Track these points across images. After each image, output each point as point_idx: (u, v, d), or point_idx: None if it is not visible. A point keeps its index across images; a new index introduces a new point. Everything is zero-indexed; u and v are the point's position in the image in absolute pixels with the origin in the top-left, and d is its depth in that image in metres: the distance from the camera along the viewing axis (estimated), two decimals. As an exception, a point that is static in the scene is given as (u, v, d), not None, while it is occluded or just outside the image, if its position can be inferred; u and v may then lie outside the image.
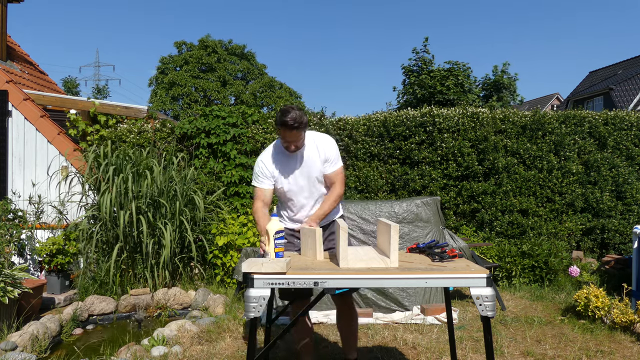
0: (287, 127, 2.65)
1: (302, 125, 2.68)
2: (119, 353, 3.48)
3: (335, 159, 2.91)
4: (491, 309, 2.18)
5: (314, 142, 2.89)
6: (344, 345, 3.09)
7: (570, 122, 6.46)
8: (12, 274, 4.14)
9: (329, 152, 2.89)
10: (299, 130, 2.68)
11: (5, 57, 7.77)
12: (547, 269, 5.55)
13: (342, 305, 2.98)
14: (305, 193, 2.92)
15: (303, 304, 2.89)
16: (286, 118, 2.64)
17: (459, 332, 3.96)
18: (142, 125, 6.39)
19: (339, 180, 2.92)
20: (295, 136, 2.71)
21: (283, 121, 2.65)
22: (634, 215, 6.36)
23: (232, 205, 6.15)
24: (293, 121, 2.64)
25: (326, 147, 2.89)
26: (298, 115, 2.65)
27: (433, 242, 2.74)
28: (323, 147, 2.88)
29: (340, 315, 3.03)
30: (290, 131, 2.67)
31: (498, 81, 13.27)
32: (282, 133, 2.72)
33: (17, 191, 6.16)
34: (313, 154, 2.87)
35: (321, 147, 2.88)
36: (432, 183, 6.22)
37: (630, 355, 3.51)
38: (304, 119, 2.68)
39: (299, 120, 2.65)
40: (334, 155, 2.90)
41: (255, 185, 2.94)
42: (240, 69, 29.83)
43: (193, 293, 4.94)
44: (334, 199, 2.88)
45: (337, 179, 2.92)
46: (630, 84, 24.45)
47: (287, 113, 2.65)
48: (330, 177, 2.91)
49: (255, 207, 2.89)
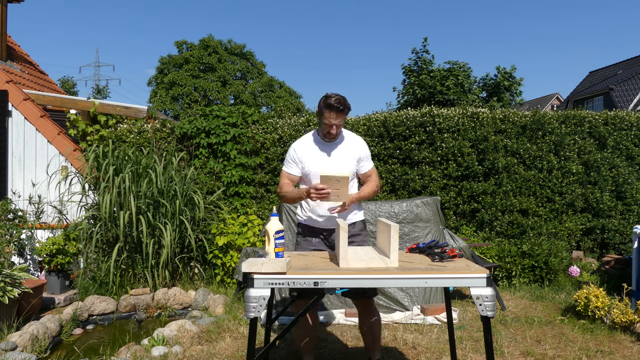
0: (333, 108, 2.77)
1: (346, 108, 2.81)
2: (119, 353, 3.48)
3: (369, 158, 3.07)
4: (491, 309, 2.18)
5: (349, 139, 3.02)
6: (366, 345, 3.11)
7: (570, 122, 6.46)
8: (12, 274, 4.14)
9: (363, 151, 3.02)
10: (343, 112, 2.80)
11: (5, 57, 7.77)
12: (547, 269, 5.55)
13: (361, 307, 3.00)
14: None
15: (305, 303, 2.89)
16: (331, 100, 2.78)
17: (459, 332, 3.96)
18: (142, 125, 6.39)
19: (375, 175, 3.08)
20: (339, 118, 2.81)
21: (329, 103, 2.78)
22: (634, 215, 6.35)
23: (232, 205, 6.16)
24: (339, 103, 2.77)
25: (361, 146, 3.02)
26: (342, 99, 2.80)
27: (433, 242, 2.74)
28: (358, 145, 3.01)
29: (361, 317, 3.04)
30: (336, 113, 2.79)
31: (500, 83, 13.22)
32: (327, 115, 2.81)
33: (17, 191, 6.16)
34: (347, 149, 2.98)
35: (356, 145, 3.01)
36: (432, 183, 6.22)
37: (630, 355, 3.51)
38: (347, 103, 2.82)
39: (343, 103, 2.79)
40: (367, 155, 3.06)
41: (283, 170, 3.06)
42: (239, 68, 29.85)
43: (193, 293, 4.94)
44: (372, 187, 3.01)
45: (374, 174, 3.08)
46: (630, 84, 24.44)
47: (331, 97, 2.79)
48: (367, 174, 3.06)
49: (282, 183, 3.03)
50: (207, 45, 28.63)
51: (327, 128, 2.87)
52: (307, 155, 2.98)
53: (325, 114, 2.82)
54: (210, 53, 28.51)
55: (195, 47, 28.82)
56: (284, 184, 3.02)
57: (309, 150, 2.99)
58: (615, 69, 28.10)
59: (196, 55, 27.93)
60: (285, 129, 6.34)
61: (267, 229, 2.34)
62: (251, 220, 5.56)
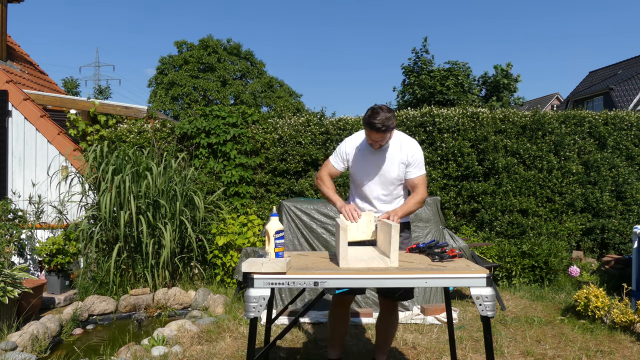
0: (374, 129, 2.67)
1: (389, 128, 2.69)
2: (119, 353, 3.48)
3: (419, 165, 2.91)
4: (491, 309, 2.18)
5: (400, 142, 2.90)
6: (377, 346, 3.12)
7: (570, 122, 6.46)
8: (12, 274, 4.14)
9: (413, 156, 2.88)
10: (385, 132, 2.69)
11: (5, 57, 7.77)
12: (547, 269, 5.55)
13: (387, 309, 3.00)
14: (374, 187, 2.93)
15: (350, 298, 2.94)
16: (374, 120, 2.65)
17: (459, 332, 3.96)
18: (142, 125, 6.39)
19: (422, 186, 2.91)
20: (380, 137, 2.72)
21: (371, 123, 2.66)
22: (634, 215, 6.35)
23: (232, 205, 6.16)
24: (381, 124, 2.65)
25: (410, 151, 2.88)
26: (386, 117, 2.66)
27: (433, 242, 2.74)
28: (407, 150, 2.88)
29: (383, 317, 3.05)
30: (377, 133, 2.69)
31: (499, 81, 13.23)
32: (368, 133, 2.73)
33: (17, 191, 6.16)
34: (395, 153, 2.88)
35: (405, 149, 2.88)
36: (432, 183, 6.21)
37: (630, 355, 3.51)
38: (391, 122, 2.69)
39: (386, 124, 2.66)
40: (418, 161, 2.90)
41: (330, 159, 3.03)
42: (239, 68, 29.84)
43: (193, 293, 4.94)
44: (417, 199, 2.87)
45: (421, 185, 2.91)
46: (630, 84, 24.44)
47: (376, 115, 2.65)
48: (413, 182, 2.91)
49: (321, 174, 3.00)
50: (206, 45, 28.62)
51: (371, 142, 2.80)
52: (355, 155, 2.94)
53: (367, 131, 2.75)
54: (210, 53, 28.50)
55: (195, 47, 28.81)
56: (324, 174, 3.00)
57: (357, 151, 2.94)
58: (615, 69, 28.09)
59: (196, 56, 27.92)
60: (285, 129, 6.34)
61: (267, 229, 2.34)
62: (251, 220, 5.56)
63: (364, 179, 2.93)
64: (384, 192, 2.93)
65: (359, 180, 2.95)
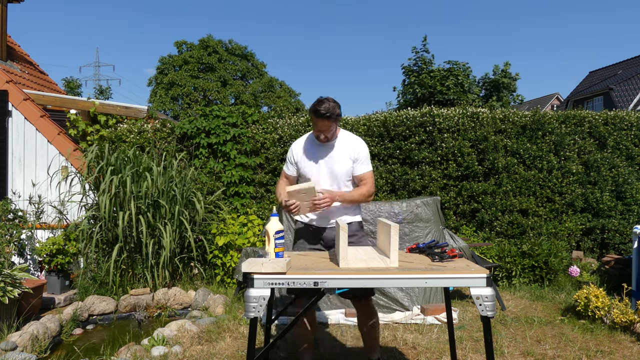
0: (318, 115, 2.78)
1: (334, 116, 2.79)
2: (119, 353, 3.48)
3: (365, 161, 2.99)
4: (491, 309, 2.18)
5: (347, 140, 2.99)
6: (365, 346, 3.12)
7: (570, 122, 6.46)
8: (12, 274, 4.14)
9: (360, 152, 2.97)
10: (329, 120, 2.79)
11: (5, 57, 7.77)
12: (547, 269, 5.55)
13: (361, 307, 3.01)
14: (326, 185, 2.96)
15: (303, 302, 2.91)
16: (319, 107, 2.77)
17: (459, 332, 3.96)
18: (142, 125, 6.39)
19: (369, 181, 3.00)
20: (325, 125, 2.82)
21: (315, 109, 2.79)
22: (634, 215, 6.35)
23: (232, 205, 6.15)
24: (325, 110, 2.76)
25: (357, 147, 2.97)
26: (331, 106, 2.78)
27: (433, 242, 2.74)
28: (354, 146, 2.97)
29: (361, 317, 3.06)
30: (322, 120, 2.79)
31: (498, 81, 13.26)
32: (314, 121, 2.85)
33: (17, 191, 6.16)
34: (343, 150, 2.96)
35: (352, 145, 2.97)
36: (432, 183, 6.21)
37: (630, 355, 3.51)
38: (336, 110, 2.81)
39: (331, 111, 2.77)
40: (364, 157, 2.98)
41: (283, 168, 3.15)
42: (240, 69, 29.83)
43: (193, 293, 4.94)
44: (362, 192, 2.95)
45: (368, 180, 3.00)
46: (630, 84, 24.44)
47: (321, 103, 2.79)
48: (360, 177, 2.99)
49: (280, 184, 3.11)
50: (206, 45, 28.61)
51: (317, 133, 2.90)
52: (303, 155, 3.02)
53: (313, 120, 2.85)
54: (210, 53, 28.50)
55: (195, 47, 28.80)
56: (280, 183, 3.12)
57: (304, 151, 3.02)
58: (615, 69, 28.09)
59: (196, 56, 27.91)
60: (285, 129, 6.34)
61: (267, 229, 2.34)
62: (251, 220, 5.56)
63: (314, 174, 2.98)
64: (334, 188, 2.96)
65: (309, 177, 2.99)
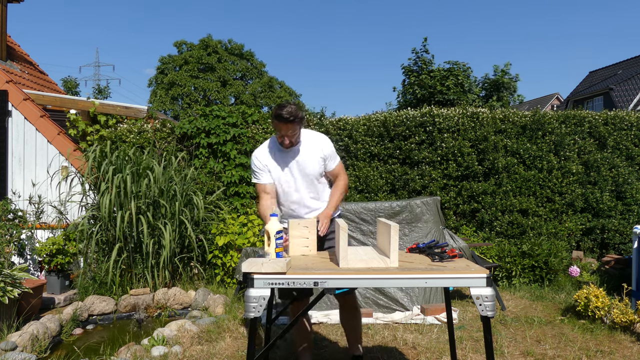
0: (282, 119, 2.69)
1: (297, 119, 2.72)
2: (119, 353, 3.48)
3: (334, 155, 2.99)
4: (491, 309, 2.17)
5: (312, 139, 2.94)
6: (348, 342, 3.14)
7: (570, 122, 6.46)
8: (12, 274, 4.14)
9: (327, 149, 2.95)
10: (293, 123, 2.72)
11: (5, 57, 7.77)
12: (547, 269, 5.55)
13: (344, 303, 3.02)
14: (302, 188, 2.94)
15: (302, 304, 2.91)
16: (281, 111, 2.69)
17: (459, 332, 3.96)
18: (142, 125, 6.39)
19: (342, 172, 3.04)
20: (289, 129, 2.74)
21: (278, 114, 2.70)
22: (634, 215, 6.35)
23: (232, 205, 6.15)
24: (288, 114, 2.68)
25: (324, 145, 2.95)
26: (294, 110, 2.71)
27: (433, 242, 2.74)
28: (320, 145, 2.93)
29: (343, 313, 3.07)
30: (285, 124, 2.70)
31: (498, 81, 13.27)
32: (277, 126, 2.75)
33: (17, 191, 6.16)
34: (311, 150, 2.91)
35: (318, 145, 2.93)
36: (432, 183, 6.22)
37: (630, 355, 3.51)
38: (299, 113, 2.73)
39: (294, 114, 2.70)
40: (331, 152, 2.97)
41: (255, 182, 2.96)
42: (240, 69, 29.84)
43: (193, 293, 4.94)
44: (341, 190, 3.00)
45: (341, 172, 3.04)
46: (630, 84, 24.44)
47: (282, 107, 2.71)
48: (333, 172, 3.01)
49: (262, 204, 2.91)
50: (206, 45, 28.62)
51: (280, 139, 2.80)
52: (272, 163, 2.91)
53: (275, 124, 2.75)
54: (210, 53, 28.50)
55: (195, 47, 28.80)
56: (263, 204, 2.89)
57: (273, 159, 2.91)
58: (615, 69, 28.09)
59: (196, 56, 27.91)
60: (285, 129, 6.33)
61: (267, 229, 2.34)
62: (251, 220, 5.56)
63: (289, 181, 2.91)
64: (310, 189, 2.95)
65: (284, 184, 2.92)
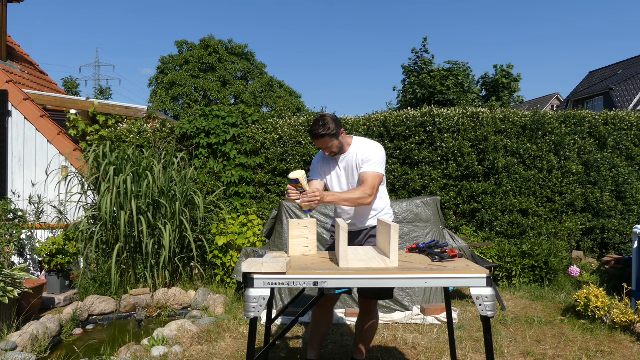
0: (313, 136, 2.85)
1: (328, 135, 2.80)
2: (119, 353, 3.48)
3: (373, 162, 2.85)
4: (491, 309, 2.17)
5: (358, 146, 2.95)
6: (355, 344, 3.16)
7: (570, 122, 6.45)
8: (12, 274, 4.14)
9: (367, 154, 2.88)
10: (324, 138, 2.81)
11: (5, 57, 7.77)
12: (547, 269, 5.55)
13: (365, 307, 3.04)
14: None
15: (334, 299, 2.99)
16: (312, 128, 2.83)
17: (459, 332, 3.96)
18: (142, 125, 6.39)
19: (368, 182, 2.81)
20: (324, 143, 2.85)
21: (309, 131, 2.86)
22: (634, 215, 6.35)
23: (232, 205, 6.15)
24: (317, 131, 2.81)
25: (366, 150, 2.90)
26: (325, 124, 2.80)
27: (433, 242, 2.74)
28: (363, 150, 2.91)
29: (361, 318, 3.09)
30: (317, 140, 2.85)
31: (498, 80, 13.28)
32: (315, 142, 2.89)
33: (17, 191, 6.16)
34: (354, 157, 2.94)
35: (361, 150, 2.92)
36: (432, 183, 6.21)
37: (630, 355, 3.51)
38: (330, 127, 2.80)
39: (325, 130, 2.79)
40: (371, 158, 2.86)
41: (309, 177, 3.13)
42: (240, 68, 29.84)
43: (193, 293, 4.94)
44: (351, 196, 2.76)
45: (368, 181, 2.81)
46: (630, 84, 24.44)
47: (315, 123, 2.83)
48: (362, 176, 2.85)
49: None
50: (207, 45, 28.62)
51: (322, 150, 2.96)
52: (322, 164, 3.07)
53: (314, 141, 2.90)
54: (211, 53, 28.52)
55: (195, 47, 28.81)
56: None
57: (323, 159, 3.06)
58: (615, 69, 28.09)
59: (196, 55, 27.93)
60: (285, 129, 6.34)
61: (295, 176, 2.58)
62: (251, 220, 5.56)
63: (334, 186, 3.03)
64: None
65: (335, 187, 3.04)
